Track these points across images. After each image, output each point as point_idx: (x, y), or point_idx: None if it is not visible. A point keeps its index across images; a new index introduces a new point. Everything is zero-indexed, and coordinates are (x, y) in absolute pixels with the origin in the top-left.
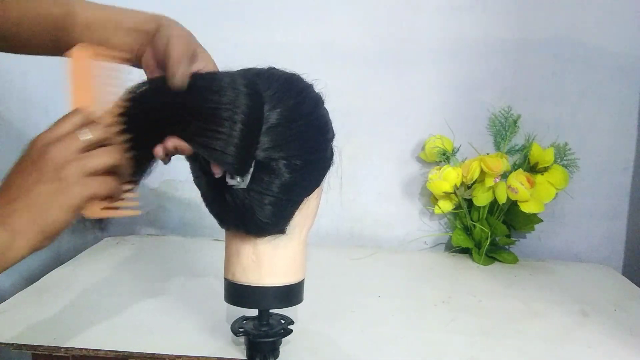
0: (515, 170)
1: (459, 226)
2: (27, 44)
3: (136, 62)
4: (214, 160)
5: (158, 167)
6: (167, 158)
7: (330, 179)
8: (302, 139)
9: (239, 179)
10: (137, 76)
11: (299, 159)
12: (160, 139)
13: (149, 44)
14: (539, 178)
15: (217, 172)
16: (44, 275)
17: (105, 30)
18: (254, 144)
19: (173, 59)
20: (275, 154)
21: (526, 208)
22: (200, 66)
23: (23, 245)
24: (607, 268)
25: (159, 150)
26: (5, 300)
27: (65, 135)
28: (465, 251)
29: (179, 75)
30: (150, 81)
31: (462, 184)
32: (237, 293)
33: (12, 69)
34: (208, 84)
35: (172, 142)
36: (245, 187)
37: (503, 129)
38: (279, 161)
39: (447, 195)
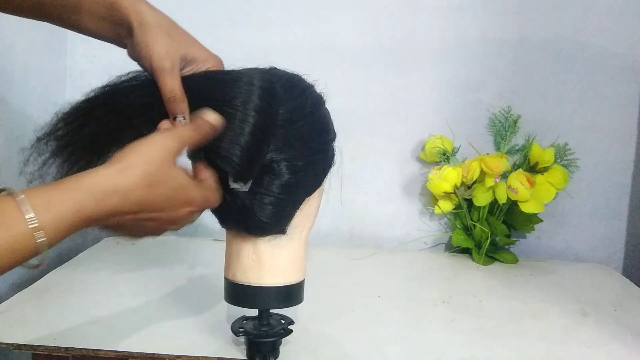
0: (515, 170)
1: (459, 226)
2: (8, 5)
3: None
4: (221, 163)
5: None
6: None
7: (331, 179)
8: (303, 140)
9: (241, 182)
10: None
11: (301, 160)
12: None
13: (127, 37)
14: (539, 178)
15: None
16: (44, 275)
17: (81, 14)
18: (264, 151)
19: (164, 94)
20: (277, 156)
21: (526, 208)
22: (192, 69)
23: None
24: (607, 268)
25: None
26: (5, 300)
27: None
28: (465, 251)
29: (168, 92)
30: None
31: (462, 184)
32: (237, 293)
33: (12, 69)
34: (214, 83)
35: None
36: (247, 189)
37: (503, 129)
38: (280, 162)
39: (447, 195)
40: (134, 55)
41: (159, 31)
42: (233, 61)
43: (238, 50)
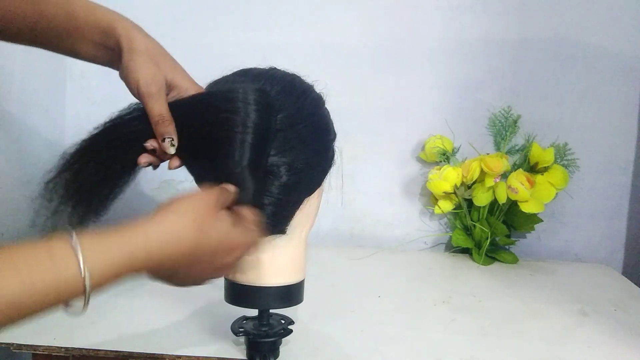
0: (515, 170)
1: (459, 226)
2: (4, 34)
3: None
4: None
5: (158, 168)
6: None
7: (331, 179)
8: (304, 142)
9: None
10: None
11: (301, 161)
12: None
13: (119, 61)
14: (539, 178)
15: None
16: None
17: (75, 40)
18: (264, 159)
19: (152, 117)
20: (278, 160)
21: (526, 208)
22: (175, 94)
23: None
24: (607, 268)
25: (141, 159)
26: None
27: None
28: (465, 251)
29: (156, 116)
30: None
31: (462, 184)
32: (237, 293)
33: (12, 69)
34: (210, 104)
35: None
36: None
37: (503, 129)
38: (280, 164)
39: (447, 195)
40: (123, 79)
41: (146, 57)
42: (233, 61)
43: (238, 50)
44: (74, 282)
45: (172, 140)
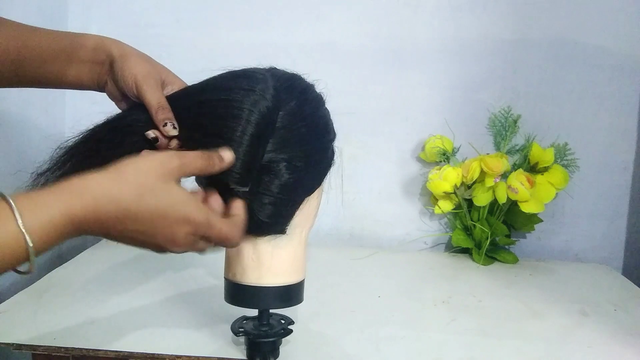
0: (515, 170)
1: (459, 226)
2: None
3: (100, 90)
4: (221, 176)
5: None
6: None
7: (331, 179)
8: (303, 140)
9: (241, 185)
10: None
11: (300, 161)
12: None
13: (107, 74)
14: (539, 178)
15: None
16: (44, 275)
17: (59, 62)
18: (260, 155)
19: (151, 106)
20: (277, 156)
21: (526, 208)
22: (169, 90)
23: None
24: (607, 268)
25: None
26: (5, 300)
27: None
28: (465, 251)
29: (155, 103)
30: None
31: (462, 184)
32: (237, 293)
33: None
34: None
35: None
36: (247, 190)
37: (503, 129)
38: (280, 163)
39: (447, 195)
40: (115, 83)
41: (139, 59)
42: (233, 61)
43: (238, 50)
44: (16, 245)
45: (174, 124)
